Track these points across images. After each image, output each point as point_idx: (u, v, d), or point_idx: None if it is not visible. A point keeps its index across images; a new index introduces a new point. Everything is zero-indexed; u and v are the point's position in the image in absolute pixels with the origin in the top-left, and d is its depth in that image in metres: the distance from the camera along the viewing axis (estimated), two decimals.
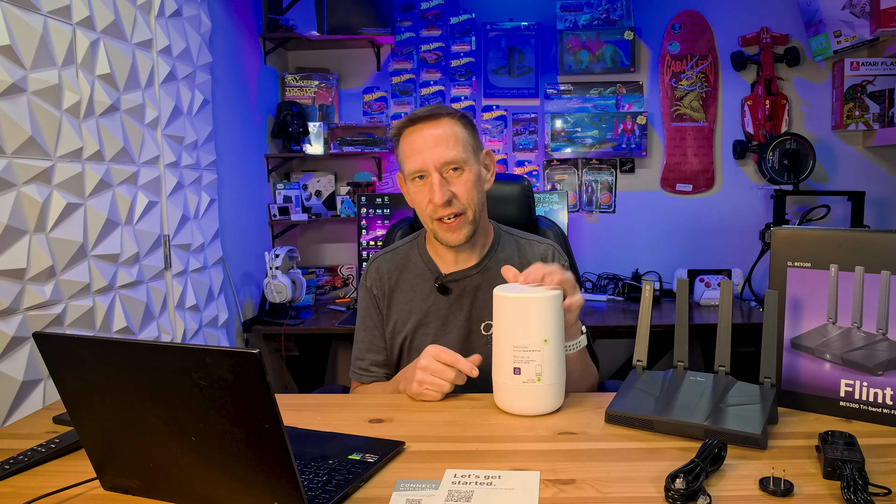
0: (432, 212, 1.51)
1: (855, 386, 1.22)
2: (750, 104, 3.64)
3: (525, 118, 3.83)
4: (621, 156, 3.74)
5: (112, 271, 2.14)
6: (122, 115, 2.21)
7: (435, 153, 1.47)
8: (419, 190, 1.52)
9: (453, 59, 3.85)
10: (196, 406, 0.86)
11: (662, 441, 1.15)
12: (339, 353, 3.98)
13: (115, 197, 2.16)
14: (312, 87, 3.87)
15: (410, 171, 1.51)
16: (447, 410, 1.34)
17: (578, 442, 1.16)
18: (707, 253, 3.77)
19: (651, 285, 1.36)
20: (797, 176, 3.46)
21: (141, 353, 0.89)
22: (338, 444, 1.16)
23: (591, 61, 3.72)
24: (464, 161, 1.49)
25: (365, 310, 1.68)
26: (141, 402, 0.90)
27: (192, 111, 2.68)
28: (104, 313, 2.09)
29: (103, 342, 0.92)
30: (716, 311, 3.29)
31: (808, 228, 1.28)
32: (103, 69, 2.10)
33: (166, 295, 2.46)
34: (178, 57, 2.57)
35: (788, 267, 1.27)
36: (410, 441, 1.17)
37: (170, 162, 2.50)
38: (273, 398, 0.82)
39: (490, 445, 1.15)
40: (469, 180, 1.50)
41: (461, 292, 1.60)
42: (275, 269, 3.25)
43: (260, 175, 3.62)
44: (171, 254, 2.49)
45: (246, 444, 0.86)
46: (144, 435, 0.93)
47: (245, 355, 0.81)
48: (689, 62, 3.70)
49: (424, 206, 1.52)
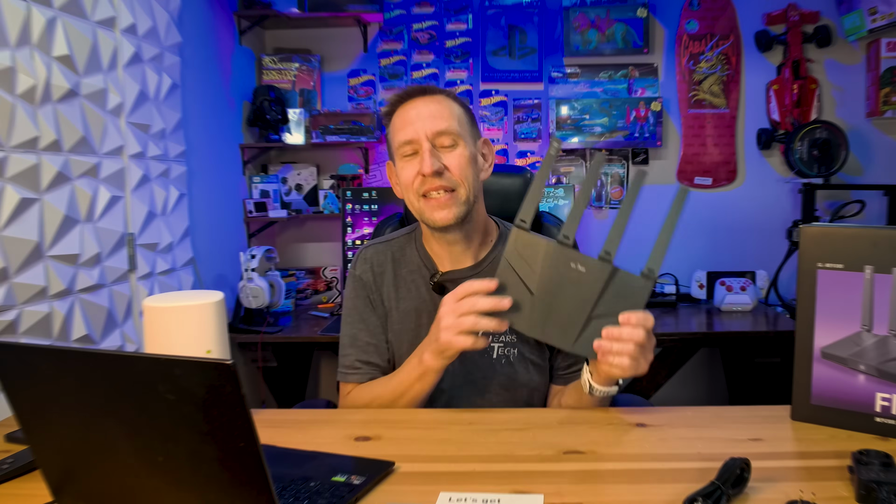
0: (419, 186, 1.50)
1: (892, 400, 1.23)
2: (776, 89, 3.65)
3: (527, 104, 3.83)
4: (634, 146, 3.75)
5: (71, 273, 2.13)
6: (83, 100, 2.21)
7: (427, 123, 1.50)
8: (408, 166, 1.52)
9: (448, 38, 3.85)
10: (163, 422, 0.86)
11: (679, 462, 1.15)
12: (322, 363, 3.98)
13: (74, 191, 2.15)
14: (292, 69, 3.87)
15: (400, 144, 1.52)
16: (441, 427, 1.34)
17: (586, 462, 1.16)
18: (728, 253, 3.78)
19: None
20: (828, 168, 3.47)
21: (103, 363, 0.89)
22: (320, 464, 1.16)
23: (601, 41, 3.73)
24: (458, 135, 1.51)
25: (354, 300, 1.65)
26: (103, 419, 0.90)
27: (159, 97, 2.67)
28: (62, 320, 2.08)
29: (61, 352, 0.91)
30: (738, 317, 3.30)
31: (840, 226, 1.29)
32: (61, 50, 2.10)
33: (131, 300, 2.45)
34: (144, 37, 2.56)
35: (818, 269, 1.27)
36: (401, 461, 1.17)
37: (135, 153, 2.49)
38: (249, 414, 0.82)
39: (488, 466, 1.15)
40: (463, 156, 1.51)
41: None
42: (251, 272, 3.24)
43: (234, 167, 3.61)
44: (136, 254, 2.49)
45: (219, 465, 0.86)
46: (106, 455, 0.93)
47: (218, 366, 0.81)
48: (709, 42, 3.71)
49: (412, 182, 1.51)
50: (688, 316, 3.40)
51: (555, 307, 1.29)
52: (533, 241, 1.31)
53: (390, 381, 1.52)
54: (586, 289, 1.29)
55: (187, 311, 1.28)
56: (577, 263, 1.29)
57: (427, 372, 1.42)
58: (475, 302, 1.30)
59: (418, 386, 1.45)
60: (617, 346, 1.27)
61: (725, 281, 3.50)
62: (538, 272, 1.30)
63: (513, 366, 1.59)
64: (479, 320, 1.30)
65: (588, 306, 1.28)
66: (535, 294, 1.29)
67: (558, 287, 1.29)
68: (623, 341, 1.27)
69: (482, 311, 1.30)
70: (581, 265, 1.29)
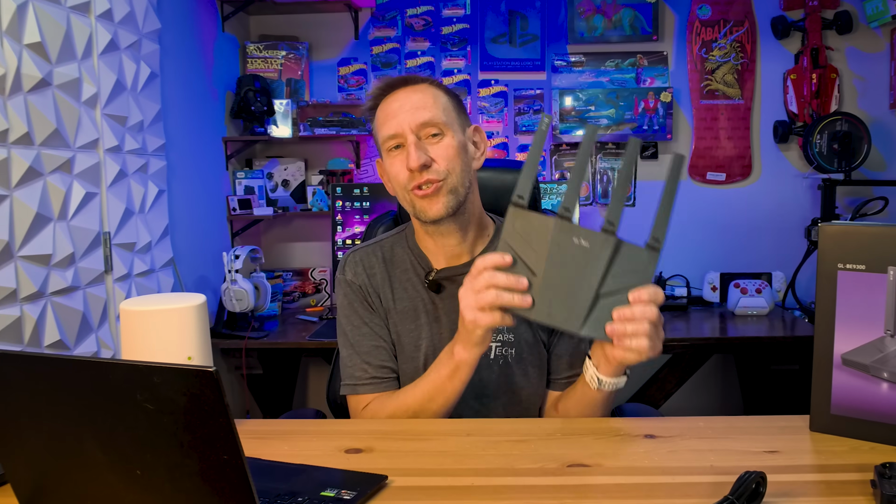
0: (407, 181, 1.51)
1: None
2: (794, 78, 3.66)
3: (529, 95, 3.83)
4: (642, 139, 3.75)
5: (43, 275, 2.13)
6: (55, 90, 2.21)
7: (411, 115, 1.51)
8: (395, 161, 1.53)
9: (444, 25, 3.86)
10: (142, 434, 0.86)
11: (690, 475, 1.15)
12: (311, 371, 3.98)
13: (46, 187, 2.15)
14: (279, 58, 3.87)
15: (385, 139, 1.54)
16: (437, 439, 1.34)
17: (591, 476, 1.16)
18: (743, 253, 3.78)
19: (549, 118, 1.35)
20: (849, 163, 3.48)
21: (77, 371, 0.88)
22: (308, 478, 1.16)
23: (607, 28, 3.73)
24: (444, 125, 1.52)
25: (350, 306, 1.65)
26: (77, 430, 0.90)
27: (136, 87, 2.67)
28: (33, 324, 2.08)
29: (33, 358, 0.91)
30: (754, 321, 3.31)
31: (862, 224, 1.29)
32: (32, 37, 2.09)
33: (107, 303, 2.45)
34: (121, 23, 2.56)
35: (839, 270, 1.28)
36: (394, 475, 1.17)
37: (111, 146, 2.49)
38: (232, 424, 0.82)
39: (487, 480, 1.15)
40: (451, 146, 1.52)
41: (455, 291, 1.60)
42: (234, 273, 3.24)
43: (217, 162, 3.61)
44: (112, 254, 2.49)
45: (200, 479, 0.86)
46: (81, 467, 0.93)
47: (199, 373, 0.81)
48: (722, 29, 3.72)
49: (400, 177, 1.53)
50: (700, 320, 3.40)
51: (559, 287, 1.28)
52: (532, 219, 1.30)
53: (418, 385, 1.51)
54: (591, 265, 1.28)
55: (167, 315, 1.28)
56: (580, 238, 1.28)
57: (460, 366, 1.42)
58: (493, 276, 1.29)
59: (451, 385, 1.44)
60: (631, 328, 1.26)
61: (740, 283, 3.51)
62: (539, 251, 1.29)
63: (510, 366, 1.60)
64: (500, 294, 1.28)
65: (594, 284, 1.28)
66: (537, 275, 1.29)
67: (562, 266, 1.28)
68: (637, 321, 1.26)
69: (501, 286, 1.29)
70: (584, 240, 1.28)
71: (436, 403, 1.47)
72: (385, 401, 1.58)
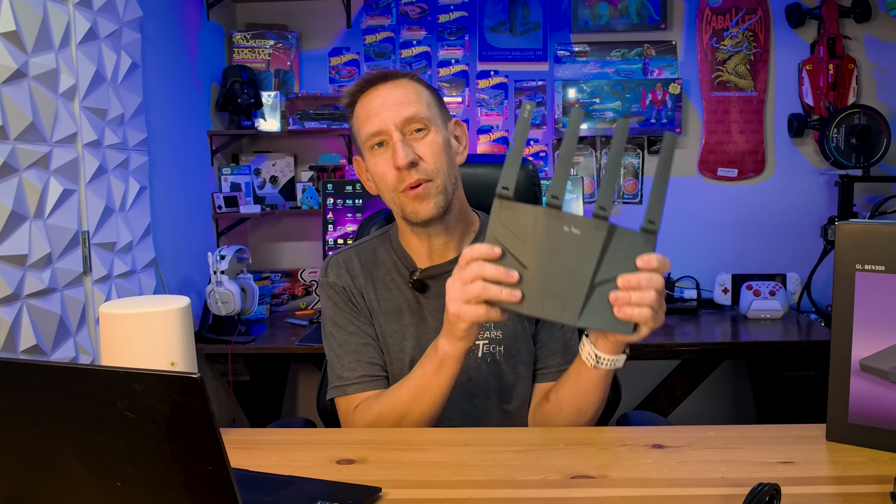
0: (396, 181, 1.53)
1: None
2: (809, 69, 3.66)
3: (530, 86, 3.84)
4: (650, 133, 3.76)
5: (18, 276, 2.13)
6: (31, 82, 2.20)
7: (394, 111, 1.52)
8: (379, 160, 1.55)
9: (441, 13, 3.86)
10: (122, 443, 0.86)
11: (700, 487, 1.15)
12: (300, 377, 3.98)
13: (21, 184, 2.15)
14: (267, 47, 3.87)
15: (367, 137, 1.55)
16: (433, 449, 1.34)
17: (596, 488, 1.17)
18: (756, 253, 3.79)
19: (532, 105, 1.34)
20: (868, 158, 3.48)
21: (54, 377, 0.88)
22: (298, 490, 1.16)
23: (613, 16, 3.73)
24: (428, 120, 1.54)
25: (335, 307, 1.67)
26: (54, 439, 0.90)
27: (117, 78, 2.67)
28: (8, 328, 2.07)
29: (7, 364, 0.91)
30: (767, 325, 3.31)
31: (881, 223, 1.29)
32: (7, 26, 2.09)
33: (86, 306, 2.45)
34: (100, 11, 2.56)
35: (857, 271, 1.28)
36: (388, 487, 1.17)
37: (90, 141, 2.49)
38: (218, 433, 0.82)
39: (487, 492, 1.15)
40: (436, 142, 1.54)
41: (440, 289, 1.60)
42: (220, 274, 3.24)
43: (202, 157, 3.61)
44: (91, 255, 2.48)
45: (184, 491, 0.86)
46: (58, 479, 0.93)
47: (183, 380, 0.80)
48: (734, 17, 3.72)
49: (386, 176, 1.54)
50: (710, 324, 3.41)
51: (552, 279, 1.27)
52: (519, 209, 1.30)
53: (403, 384, 1.52)
54: (584, 254, 1.27)
55: (149, 319, 1.28)
56: (570, 226, 1.27)
57: (445, 360, 1.41)
58: (480, 267, 1.28)
59: (437, 381, 1.44)
60: (636, 296, 1.24)
61: (752, 285, 3.51)
62: (529, 243, 1.28)
63: (499, 364, 1.62)
64: (487, 287, 1.27)
65: (589, 273, 1.27)
66: (528, 268, 1.28)
67: (553, 256, 1.27)
68: (643, 289, 1.24)
69: (489, 277, 1.27)
70: (575, 227, 1.27)
71: (422, 402, 1.47)
72: (373, 401, 1.58)
